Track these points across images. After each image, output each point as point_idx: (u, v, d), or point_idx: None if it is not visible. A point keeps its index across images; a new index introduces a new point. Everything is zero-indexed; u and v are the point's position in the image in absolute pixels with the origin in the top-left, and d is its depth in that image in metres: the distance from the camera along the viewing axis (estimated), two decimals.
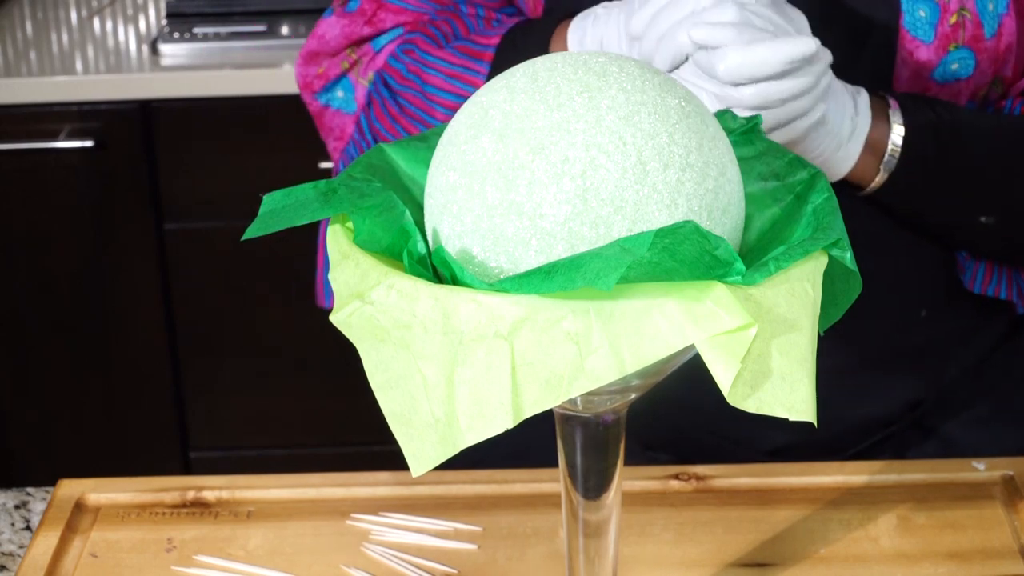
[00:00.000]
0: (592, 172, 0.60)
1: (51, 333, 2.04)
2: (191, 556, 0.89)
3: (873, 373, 1.05)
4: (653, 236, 0.56)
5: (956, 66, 0.96)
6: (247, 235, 0.64)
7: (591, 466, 0.70)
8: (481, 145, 0.62)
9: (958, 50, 0.95)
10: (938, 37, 0.95)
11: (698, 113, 0.64)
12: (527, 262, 0.61)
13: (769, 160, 0.71)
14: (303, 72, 1.08)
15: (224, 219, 1.96)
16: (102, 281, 2.00)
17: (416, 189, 0.72)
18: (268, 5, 2.02)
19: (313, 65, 1.08)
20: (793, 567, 0.87)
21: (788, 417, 0.58)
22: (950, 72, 0.96)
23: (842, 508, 0.92)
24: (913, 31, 0.95)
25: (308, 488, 0.94)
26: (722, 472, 0.95)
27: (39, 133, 1.92)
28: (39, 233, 1.98)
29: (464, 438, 0.58)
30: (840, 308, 0.69)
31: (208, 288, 2.02)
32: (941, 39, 0.95)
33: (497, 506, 0.93)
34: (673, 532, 0.90)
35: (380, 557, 0.88)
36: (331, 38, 1.06)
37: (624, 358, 0.57)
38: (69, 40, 2.04)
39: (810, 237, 0.63)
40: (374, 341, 0.61)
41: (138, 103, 1.91)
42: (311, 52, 1.07)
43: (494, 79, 0.66)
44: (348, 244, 0.64)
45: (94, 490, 0.94)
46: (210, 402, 2.09)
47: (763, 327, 0.57)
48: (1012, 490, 0.93)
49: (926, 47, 0.95)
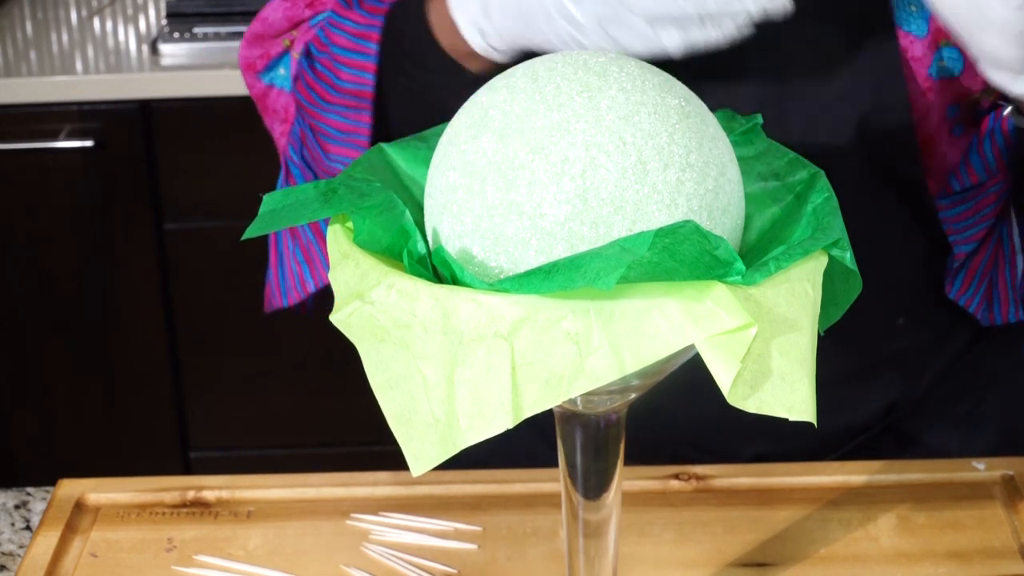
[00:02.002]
0: (592, 172, 0.60)
1: (51, 333, 2.04)
2: (191, 556, 0.89)
3: (851, 381, 1.05)
4: (653, 236, 0.56)
5: (944, 63, 0.96)
6: (247, 235, 0.64)
7: (591, 466, 0.70)
8: (481, 145, 0.62)
9: (948, 47, 0.95)
10: (931, 32, 0.95)
11: (698, 113, 0.64)
12: (527, 262, 0.61)
13: (769, 160, 0.71)
14: (246, 54, 1.08)
15: (224, 219, 1.96)
16: (102, 281, 2.00)
17: (416, 189, 0.72)
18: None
19: (256, 47, 1.08)
20: (793, 567, 0.87)
21: (788, 417, 0.58)
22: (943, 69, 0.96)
23: (842, 508, 0.92)
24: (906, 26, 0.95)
25: (308, 488, 0.94)
26: (722, 472, 0.95)
27: (39, 133, 1.92)
28: (39, 233, 1.98)
29: (464, 438, 0.58)
30: (840, 308, 0.69)
31: (208, 288, 2.02)
32: (934, 34, 0.95)
33: (497, 506, 0.93)
34: (673, 532, 0.90)
35: (380, 557, 0.88)
36: (274, 20, 1.06)
37: (624, 358, 0.57)
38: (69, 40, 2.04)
39: (810, 237, 0.63)
40: (374, 341, 0.61)
41: (138, 103, 1.91)
42: (255, 35, 1.08)
43: (494, 79, 0.66)
44: (348, 244, 0.64)
45: (94, 490, 0.94)
46: (210, 402, 2.09)
47: (763, 327, 0.57)
48: (1012, 490, 0.93)
49: (920, 42, 0.95)
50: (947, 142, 1.00)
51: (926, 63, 0.95)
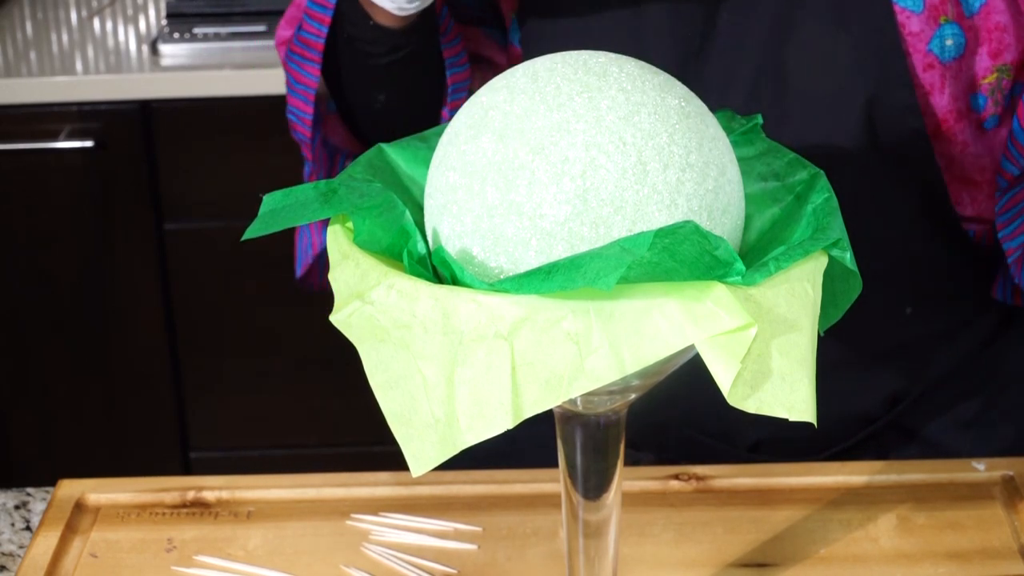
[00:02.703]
0: (592, 172, 0.60)
1: (51, 333, 2.04)
2: (191, 556, 0.89)
3: (856, 369, 1.05)
4: (653, 236, 0.56)
5: (950, 41, 0.96)
6: (247, 235, 0.64)
7: (591, 466, 0.70)
8: (481, 145, 0.62)
9: (949, 24, 0.95)
10: (927, 7, 0.95)
11: (698, 113, 0.64)
12: (527, 262, 0.61)
13: (769, 160, 0.71)
14: (280, 33, 1.11)
15: (224, 219, 1.96)
16: (102, 281, 2.00)
17: (416, 189, 0.72)
18: (268, 5, 2.02)
19: (289, 29, 1.10)
20: (793, 567, 0.87)
21: (788, 417, 0.58)
22: (947, 48, 0.96)
23: (842, 508, 0.92)
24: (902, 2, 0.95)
25: (308, 488, 0.94)
26: (722, 472, 0.95)
27: (39, 133, 1.92)
28: (39, 233, 1.98)
29: (464, 438, 0.58)
30: (840, 308, 0.69)
31: (208, 288, 2.02)
32: (930, 10, 0.95)
33: (497, 506, 0.93)
34: (673, 532, 0.90)
35: (380, 557, 0.88)
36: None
37: (624, 358, 0.57)
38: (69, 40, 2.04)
39: (810, 237, 0.63)
40: (374, 341, 0.61)
41: (138, 103, 1.91)
42: (290, 16, 1.10)
43: (494, 79, 0.66)
44: (348, 244, 0.64)
45: (94, 490, 0.94)
46: (210, 402, 2.09)
47: (763, 327, 0.57)
48: (1012, 490, 0.93)
49: (917, 17, 0.95)
50: (969, 132, 1.00)
51: (924, 38, 0.95)
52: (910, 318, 1.06)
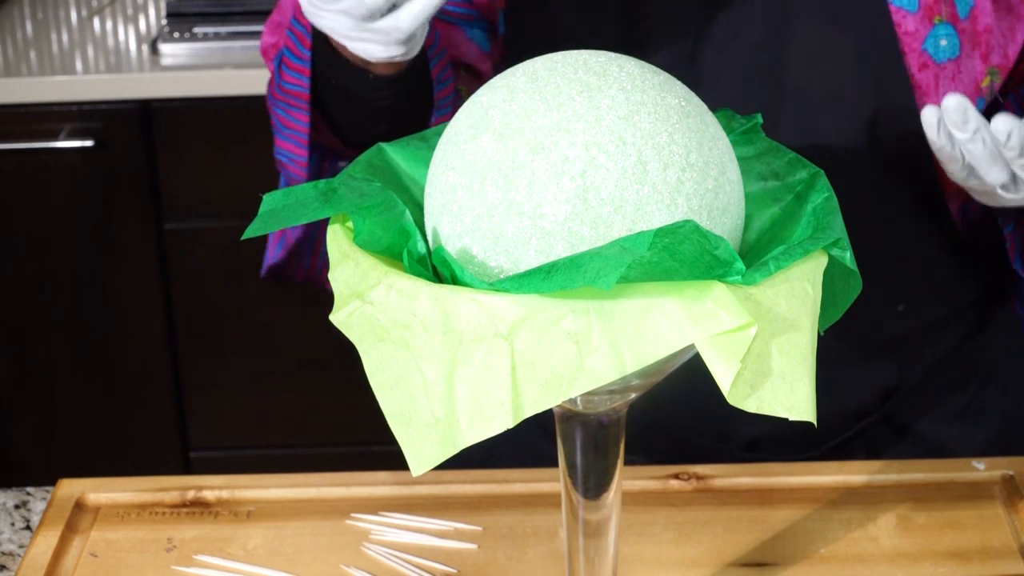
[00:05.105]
0: (592, 172, 0.60)
1: (51, 333, 2.04)
2: (191, 556, 0.89)
3: (848, 365, 1.05)
4: (653, 236, 0.56)
5: (944, 42, 0.96)
6: (247, 235, 0.64)
7: (591, 466, 0.70)
8: (481, 145, 0.62)
9: (943, 24, 0.96)
10: (922, 7, 0.95)
11: (698, 113, 0.64)
12: (527, 262, 0.61)
13: (769, 160, 0.71)
14: (265, 41, 1.10)
15: (224, 219, 1.96)
16: (102, 281, 2.00)
17: (416, 189, 0.72)
18: (268, 5, 2.01)
19: (274, 35, 1.10)
20: (793, 567, 0.87)
21: (788, 417, 0.58)
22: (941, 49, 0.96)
23: (842, 508, 0.92)
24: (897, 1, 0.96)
25: (308, 488, 0.94)
26: (722, 472, 0.95)
27: (39, 133, 1.91)
28: (39, 233, 1.98)
29: (464, 438, 0.58)
30: (840, 308, 0.69)
31: (208, 288, 2.02)
32: (925, 10, 0.95)
33: (497, 506, 0.93)
34: (673, 532, 0.90)
35: (380, 557, 0.88)
36: (286, 6, 1.08)
37: (624, 358, 0.57)
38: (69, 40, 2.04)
39: (810, 237, 0.63)
40: (374, 341, 0.61)
41: (138, 103, 1.91)
42: (274, 22, 1.10)
43: (494, 78, 0.66)
44: (348, 244, 0.64)
45: (94, 490, 0.94)
46: (210, 402, 2.09)
47: (763, 327, 0.57)
48: (1012, 490, 0.93)
49: (912, 16, 0.95)
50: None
51: (919, 38, 0.96)
52: (902, 315, 1.06)
